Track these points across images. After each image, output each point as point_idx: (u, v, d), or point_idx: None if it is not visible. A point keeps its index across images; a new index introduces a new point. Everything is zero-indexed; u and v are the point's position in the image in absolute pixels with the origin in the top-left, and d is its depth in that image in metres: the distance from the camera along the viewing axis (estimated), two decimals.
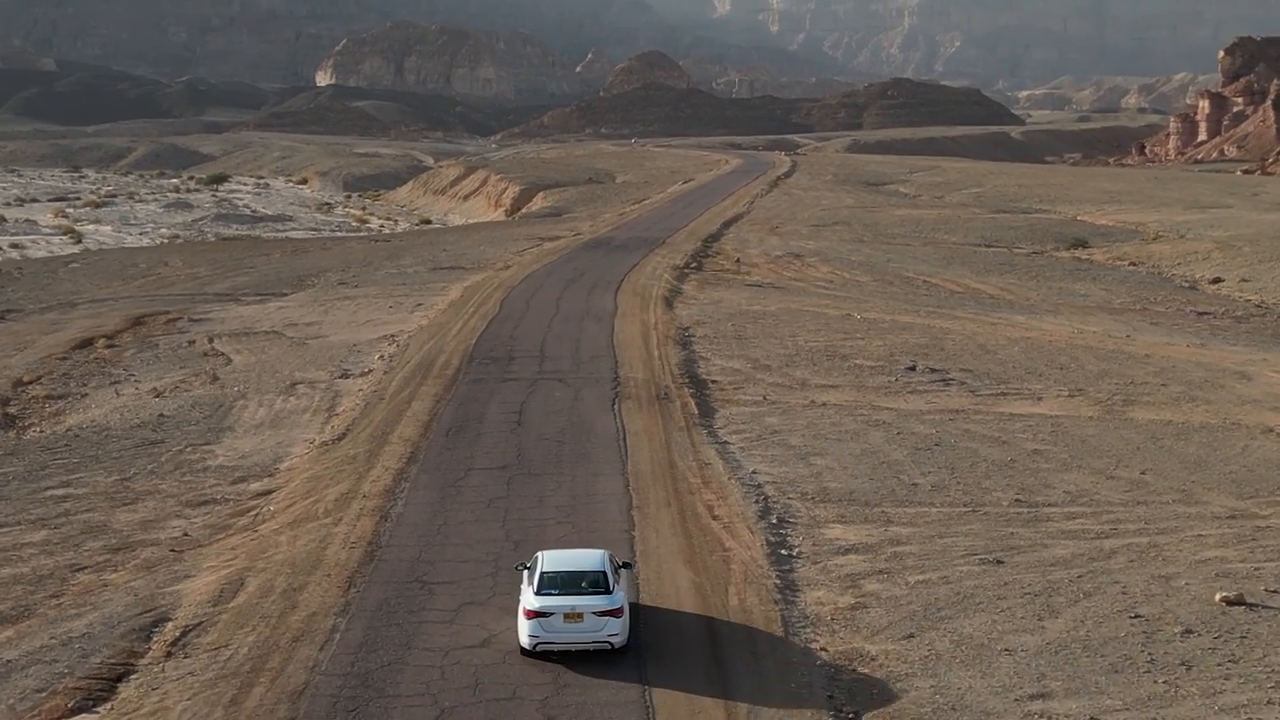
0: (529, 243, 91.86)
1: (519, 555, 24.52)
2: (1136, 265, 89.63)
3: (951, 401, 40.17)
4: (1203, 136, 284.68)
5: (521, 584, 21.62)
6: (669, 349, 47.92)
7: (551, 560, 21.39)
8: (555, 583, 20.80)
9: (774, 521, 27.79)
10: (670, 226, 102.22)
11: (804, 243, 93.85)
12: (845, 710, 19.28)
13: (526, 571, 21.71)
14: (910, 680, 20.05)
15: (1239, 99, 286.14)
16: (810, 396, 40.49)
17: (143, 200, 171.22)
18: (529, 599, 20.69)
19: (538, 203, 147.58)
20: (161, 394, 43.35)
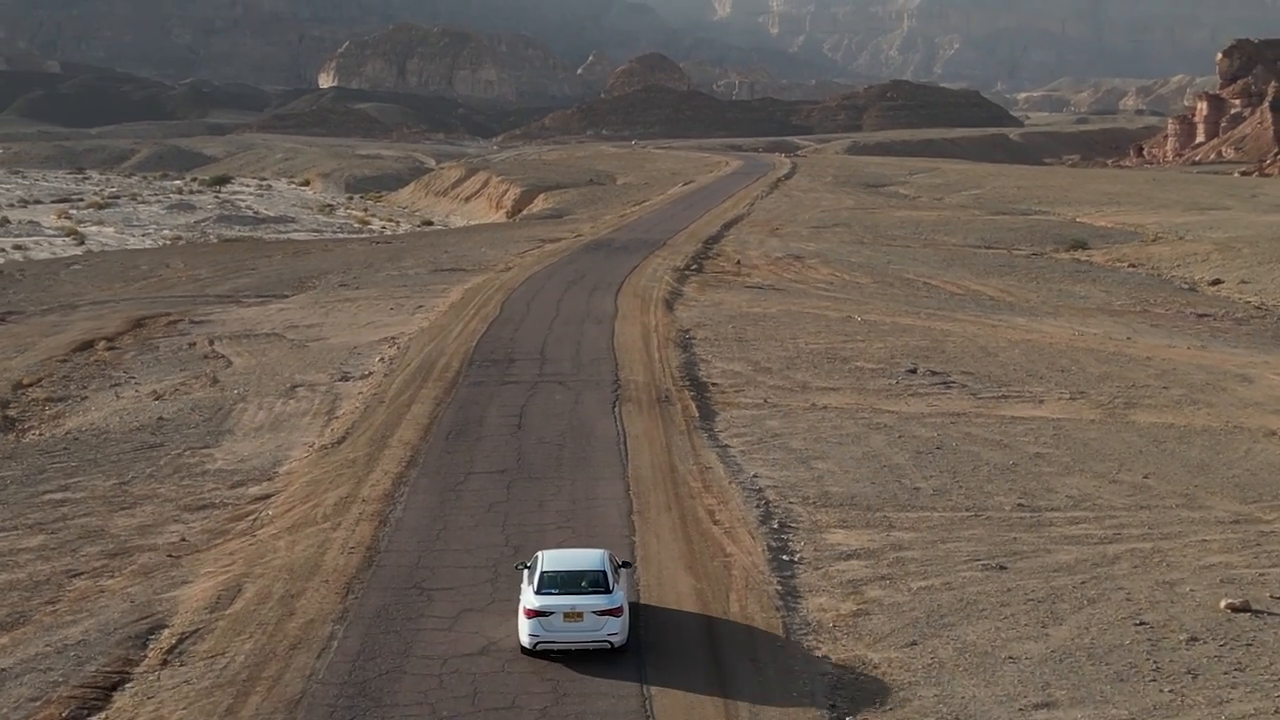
0: (530, 244, 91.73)
1: (519, 559, 24.35)
2: (1136, 267, 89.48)
3: (953, 404, 39.99)
4: (1200, 138, 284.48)
5: (521, 583, 21.69)
6: (669, 351, 47.74)
7: (551, 560, 21.50)
8: (555, 582, 20.90)
9: (775, 526, 27.60)
10: (671, 228, 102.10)
11: (804, 244, 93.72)
12: None
13: (527, 571, 21.78)
14: (914, 689, 19.85)
15: (1236, 101, 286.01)
16: (811, 399, 40.30)
17: (146, 202, 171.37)
18: (529, 598, 20.79)
19: (539, 204, 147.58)
20: (161, 397, 43.20)
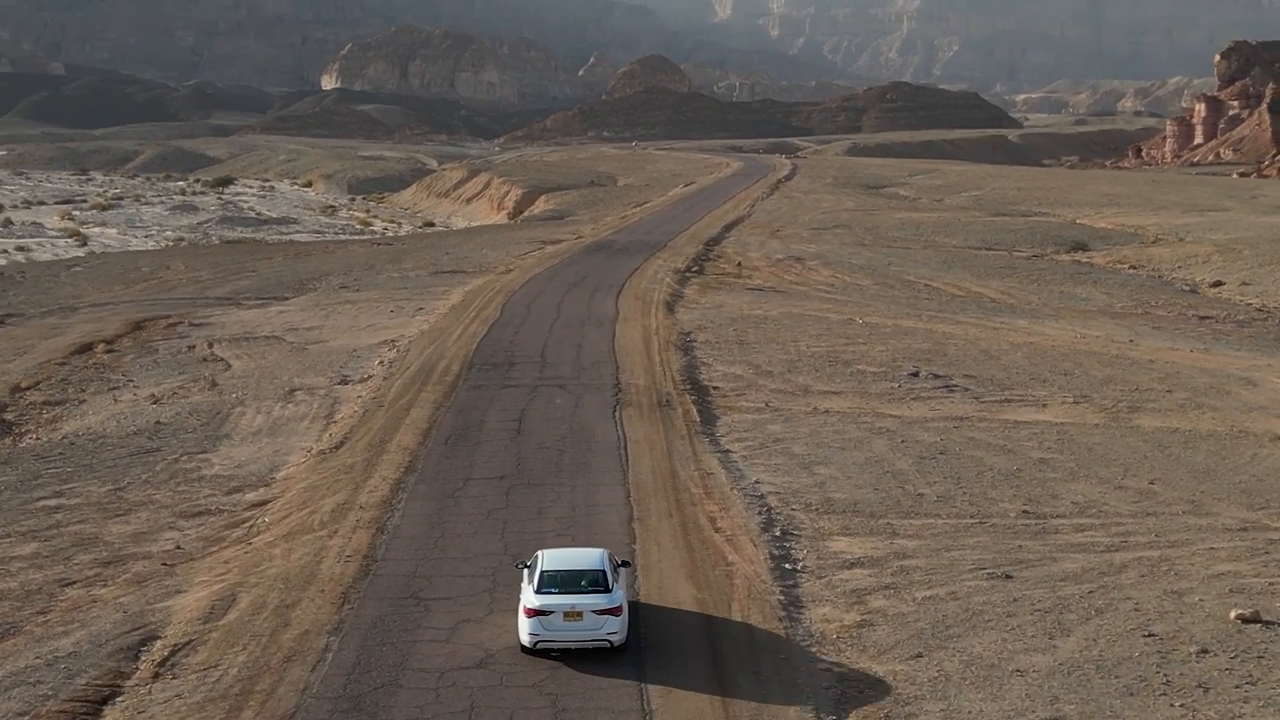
0: (531, 246, 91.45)
1: (518, 570, 24.00)
2: (1137, 268, 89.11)
3: (955, 408, 39.60)
4: (1199, 140, 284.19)
5: (522, 582, 21.78)
6: (670, 354, 47.39)
7: (551, 559, 21.63)
8: (555, 581, 21.04)
9: (777, 534, 27.22)
10: (671, 230, 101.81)
11: (805, 246, 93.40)
12: None
13: (526, 570, 21.89)
14: (919, 703, 19.46)
15: (1234, 103, 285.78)
16: (813, 403, 39.93)
17: (149, 203, 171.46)
18: (529, 597, 20.92)
19: (540, 206, 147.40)
20: (159, 400, 42.87)
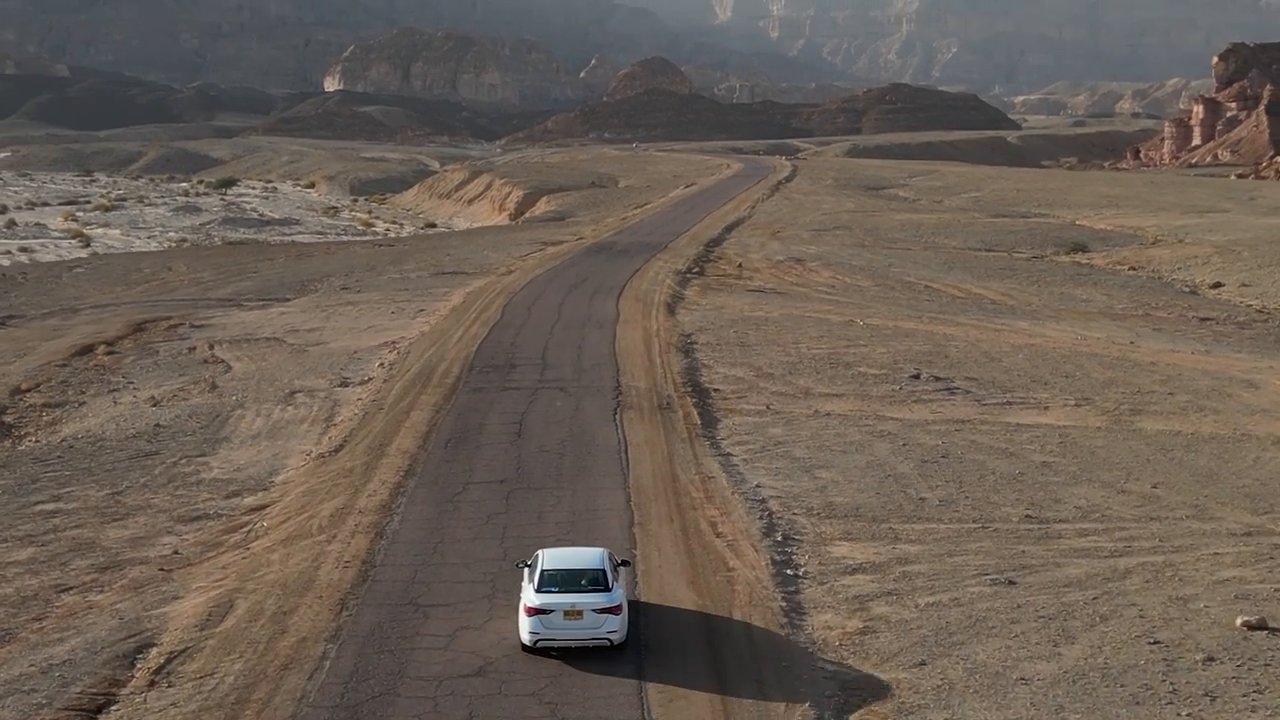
0: (532, 247, 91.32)
1: (517, 574, 23.83)
2: (1136, 270, 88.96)
3: (957, 411, 39.40)
4: (1197, 141, 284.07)
5: (522, 581, 21.90)
6: (671, 356, 47.20)
7: (552, 558, 21.77)
8: (555, 580, 21.19)
9: (779, 539, 27.02)
10: (672, 231, 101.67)
11: (805, 247, 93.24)
12: None
13: (527, 569, 21.99)
14: (923, 712, 19.24)
15: (1232, 104, 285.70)
16: (814, 406, 39.74)
17: (152, 204, 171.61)
18: (529, 596, 21.05)
19: (541, 207, 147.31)
20: (159, 403, 42.70)
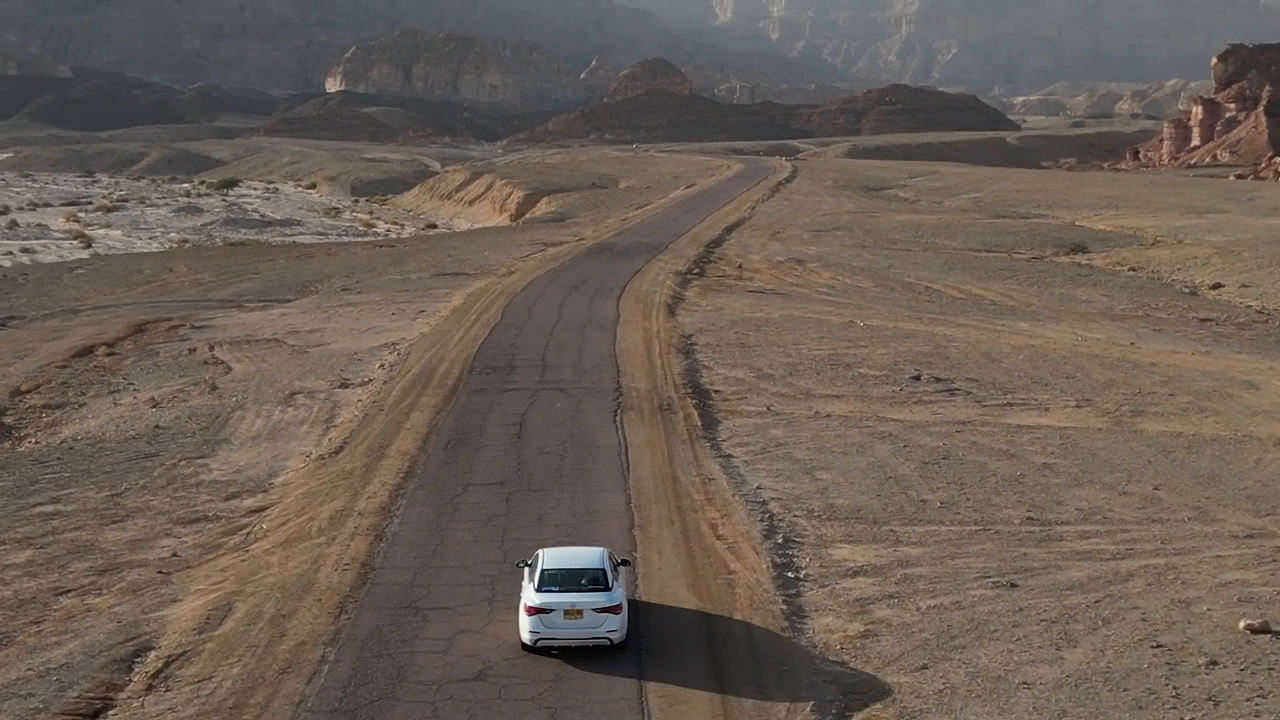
0: (532, 248, 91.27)
1: (516, 577, 23.75)
2: (1136, 270, 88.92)
3: (958, 412, 39.31)
4: (1196, 142, 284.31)
5: (522, 581, 21.94)
6: (671, 358, 47.12)
7: (552, 558, 21.83)
8: (556, 580, 21.26)
9: (780, 541, 26.92)
10: (673, 231, 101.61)
11: (806, 248, 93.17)
12: None
13: (527, 569, 22.04)
14: (925, 716, 19.13)
15: (1231, 105, 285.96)
16: (815, 407, 39.65)
17: (154, 205, 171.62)
18: (530, 595, 21.11)
19: (542, 208, 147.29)
20: (159, 404, 42.62)
